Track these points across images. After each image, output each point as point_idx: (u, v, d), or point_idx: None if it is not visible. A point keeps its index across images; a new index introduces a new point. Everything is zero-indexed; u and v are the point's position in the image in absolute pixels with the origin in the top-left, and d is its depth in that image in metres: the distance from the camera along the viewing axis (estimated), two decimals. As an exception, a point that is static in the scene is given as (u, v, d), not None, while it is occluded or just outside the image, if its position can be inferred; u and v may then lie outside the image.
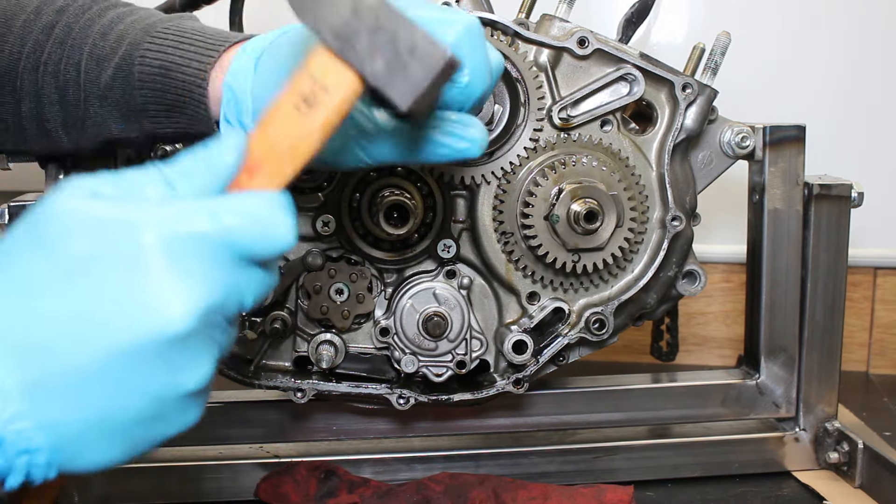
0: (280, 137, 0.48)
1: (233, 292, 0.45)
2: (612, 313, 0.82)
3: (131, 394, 0.44)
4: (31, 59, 0.69)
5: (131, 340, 0.43)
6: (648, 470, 0.91)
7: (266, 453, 0.89)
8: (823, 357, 0.91)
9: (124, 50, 0.66)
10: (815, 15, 1.21)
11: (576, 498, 0.82)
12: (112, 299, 0.43)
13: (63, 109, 0.69)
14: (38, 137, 0.71)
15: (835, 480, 0.90)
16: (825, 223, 0.89)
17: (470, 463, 0.89)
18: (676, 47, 1.20)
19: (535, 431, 0.91)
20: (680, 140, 0.82)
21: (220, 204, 0.45)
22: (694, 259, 0.85)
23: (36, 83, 0.69)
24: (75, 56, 0.68)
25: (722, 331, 1.26)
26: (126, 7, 0.71)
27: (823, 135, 0.98)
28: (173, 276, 0.43)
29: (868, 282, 1.24)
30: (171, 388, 0.44)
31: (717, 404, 0.92)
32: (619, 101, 0.81)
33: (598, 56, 0.80)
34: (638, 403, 0.91)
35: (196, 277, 0.44)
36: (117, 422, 0.44)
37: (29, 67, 0.69)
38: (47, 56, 0.69)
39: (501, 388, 0.83)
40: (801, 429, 0.92)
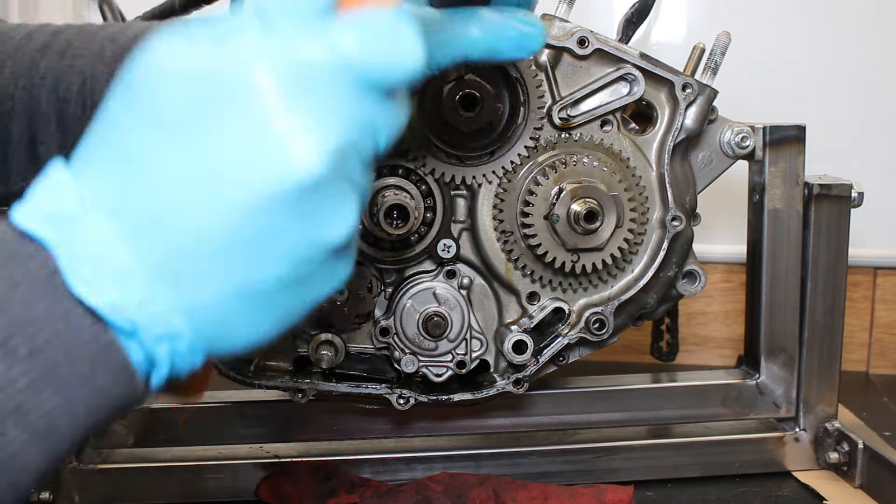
0: None
1: (365, 128, 0.40)
2: (612, 313, 0.82)
3: (269, 256, 0.39)
4: (25, 77, 0.65)
5: (259, 194, 0.37)
6: (648, 470, 0.91)
7: (266, 453, 0.89)
8: (823, 357, 0.91)
9: None
10: (815, 15, 1.21)
11: (576, 498, 0.82)
12: (230, 152, 0.37)
13: (61, 129, 0.64)
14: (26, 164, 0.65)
15: (835, 480, 0.90)
16: (825, 223, 0.89)
17: (470, 463, 0.89)
18: (676, 47, 1.21)
19: (535, 431, 0.91)
20: (680, 140, 0.82)
21: (333, 27, 0.39)
22: (694, 259, 0.85)
23: (30, 102, 0.65)
24: (79, 64, 0.64)
25: (722, 331, 1.26)
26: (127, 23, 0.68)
27: (823, 135, 0.98)
28: (295, 114, 0.37)
29: (868, 282, 1.24)
30: (312, 244, 0.39)
31: (717, 404, 0.92)
32: (619, 101, 0.81)
33: (598, 56, 0.80)
34: (638, 403, 0.91)
35: (322, 113, 0.38)
36: (259, 290, 0.39)
37: (21, 85, 0.65)
38: (44, 71, 0.65)
39: (501, 388, 0.83)
40: (801, 429, 0.92)
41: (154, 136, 0.38)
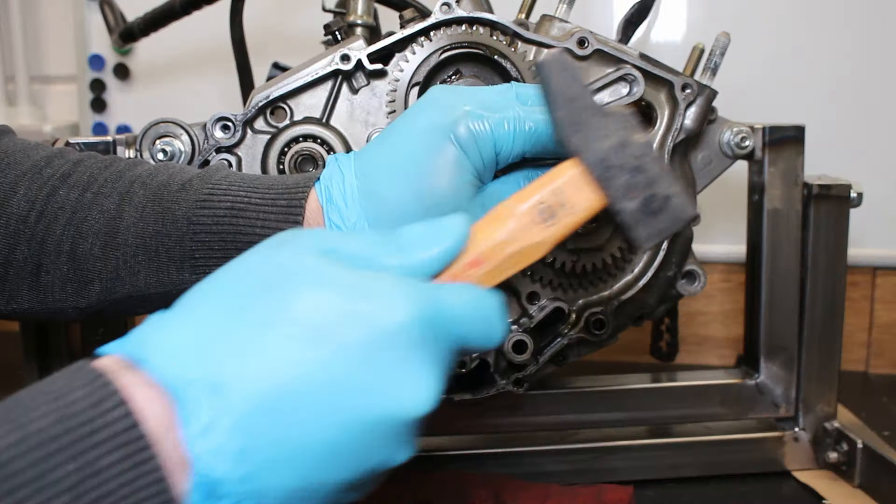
0: (510, 240, 0.48)
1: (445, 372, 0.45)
2: (612, 313, 0.82)
3: (348, 468, 0.42)
4: (41, 203, 0.63)
5: (376, 420, 0.41)
6: (648, 469, 0.91)
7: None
8: (823, 357, 0.91)
9: (174, 193, 0.62)
10: (814, 15, 1.21)
11: (576, 497, 0.82)
12: (360, 374, 0.41)
13: (72, 262, 0.63)
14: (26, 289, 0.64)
15: (834, 480, 0.90)
16: (824, 223, 0.90)
17: (470, 463, 0.89)
18: (676, 48, 1.21)
19: (536, 431, 0.91)
20: (679, 140, 0.82)
21: (460, 293, 0.45)
22: (694, 259, 0.86)
23: (44, 229, 0.63)
24: (103, 203, 0.63)
25: (721, 331, 1.26)
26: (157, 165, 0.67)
27: (823, 135, 0.98)
28: (425, 360, 0.43)
29: (867, 282, 1.24)
30: (385, 464, 0.44)
31: (716, 404, 0.92)
32: (619, 102, 0.81)
33: (598, 56, 0.80)
34: (637, 403, 0.92)
35: (439, 364, 0.44)
36: (319, 491, 0.42)
37: (38, 210, 0.63)
38: (62, 202, 0.63)
39: (502, 387, 0.83)
40: (800, 428, 0.92)
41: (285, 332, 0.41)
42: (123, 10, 1.13)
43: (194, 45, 1.31)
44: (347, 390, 0.41)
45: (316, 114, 0.79)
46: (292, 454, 0.41)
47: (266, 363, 0.40)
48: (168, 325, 0.42)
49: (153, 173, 0.64)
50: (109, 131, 1.35)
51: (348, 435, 0.41)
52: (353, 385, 0.41)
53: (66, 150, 0.67)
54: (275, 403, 0.40)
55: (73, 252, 0.63)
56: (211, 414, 0.39)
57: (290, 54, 0.90)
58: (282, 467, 0.40)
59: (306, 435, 0.41)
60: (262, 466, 0.40)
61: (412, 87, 0.78)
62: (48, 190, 0.64)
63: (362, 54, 0.78)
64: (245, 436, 0.40)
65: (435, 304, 0.44)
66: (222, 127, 0.78)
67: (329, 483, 0.42)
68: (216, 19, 0.95)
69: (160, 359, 0.40)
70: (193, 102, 1.27)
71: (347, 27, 0.84)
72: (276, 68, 0.92)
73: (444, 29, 0.78)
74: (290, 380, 0.40)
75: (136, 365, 0.40)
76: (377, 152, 0.60)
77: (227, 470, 0.39)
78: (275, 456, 0.40)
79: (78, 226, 0.63)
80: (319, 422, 0.41)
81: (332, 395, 0.41)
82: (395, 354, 0.42)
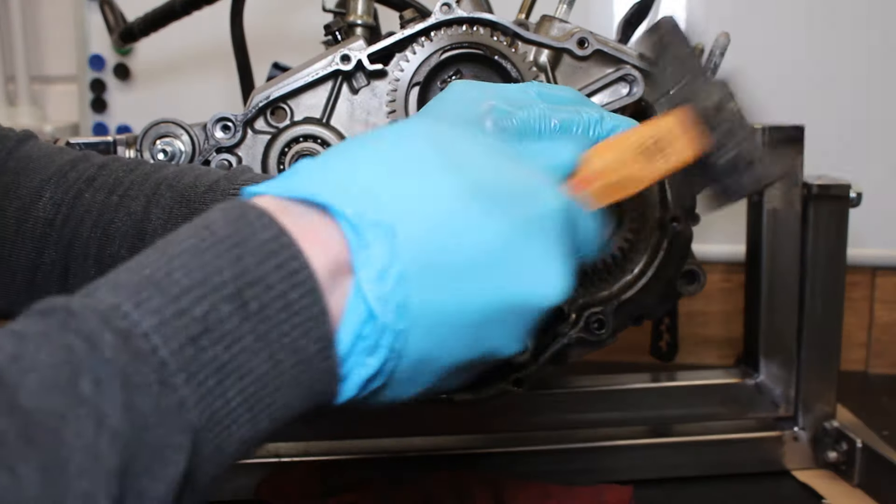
0: (616, 167, 0.52)
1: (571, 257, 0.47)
2: (612, 313, 0.83)
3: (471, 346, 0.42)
4: (67, 206, 0.63)
5: (514, 302, 0.42)
6: (648, 469, 0.91)
7: (266, 452, 0.89)
8: (822, 356, 0.91)
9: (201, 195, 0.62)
10: (813, 15, 1.21)
11: (576, 497, 0.82)
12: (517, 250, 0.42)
13: (98, 265, 0.62)
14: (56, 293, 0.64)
15: (833, 479, 0.90)
16: (824, 223, 0.90)
17: (470, 463, 0.89)
18: (676, 48, 1.21)
19: (535, 431, 0.91)
20: (679, 140, 0.83)
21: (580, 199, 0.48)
22: (693, 259, 0.86)
23: (71, 233, 0.63)
24: (129, 205, 0.62)
25: (721, 331, 1.26)
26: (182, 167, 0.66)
27: (822, 135, 0.98)
28: (564, 253, 0.44)
29: (867, 282, 1.24)
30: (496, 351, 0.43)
31: (716, 404, 0.92)
32: (618, 102, 0.81)
33: (598, 57, 0.81)
34: (637, 403, 0.92)
35: (568, 259, 0.45)
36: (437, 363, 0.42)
37: (64, 214, 0.63)
38: (89, 205, 0.63)
39: (502, 388, 0.83)
40: (799, 428, 0.92)
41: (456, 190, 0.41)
42: (123, 10, 1.13)
43: (195, 46, 1.31)
44: (502, 264, 0.41)
45: (316, 114, 0.79)
46: (437, 319, 0.40)
47: (434, 217, 0.40)
48: (331, 165, 0.41)
49: (179, 175, 0.65)
50: (110, 131, 1.35)
51: (488, 310, 0.41)
52: (508, 260, 0.41)
53: (90, 154, 0.67)
54: (437, 259, 0.40)
55: (101, 255, 0.62)
56: (385, 260, 0.38)
57: (290, 54, 0.91)
58: (424, 330, 0.40)
59: (454, 303, 0.40)
60: (413, 324, 0.39)
61: (412, 87, 0.78)
62: (74, 193, 0.63)
63: (363, 55, 0.78)
64: (407, 288, 0.39)
65: (570, 201, 0.46)
66: (223, 127, 0.78)
67: (449, 357, 0.42)
68: (217, 19, 0.95)
69: (333, 194, 0.39)
70: (194, 102, 1.27)
71: (347, 27, 0.84)
72: (276, 68, 0.92)
73: (445, 29, 0.78)
74: (456, 239, 0.40)
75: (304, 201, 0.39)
76: None
77: (389, 321, 0.39)
78: (424, 315, 0.40)
79: (105, 228, 0.63)
80: (469, 290, 0.40)
81: (487, 264, 0.41)
82: (548, 240, 0.43)
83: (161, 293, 0.35)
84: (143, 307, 0.34)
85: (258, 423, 0.37)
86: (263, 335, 0.36)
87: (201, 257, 0.36)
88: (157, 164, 0.67)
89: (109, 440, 0.31)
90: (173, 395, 0.33)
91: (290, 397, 0.38)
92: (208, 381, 0.34)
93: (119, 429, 0.32)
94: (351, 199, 0.39)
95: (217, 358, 0.35)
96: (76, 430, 0.31)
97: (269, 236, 0.37)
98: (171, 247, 0.37)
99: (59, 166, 0.65)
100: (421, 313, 0.39)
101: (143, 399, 0.33)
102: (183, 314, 0.35)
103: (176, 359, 0.34)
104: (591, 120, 0.55)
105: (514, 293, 0.42)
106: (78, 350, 0.32)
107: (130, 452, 0.32)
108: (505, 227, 0.41)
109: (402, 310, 0.39)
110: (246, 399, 0.36)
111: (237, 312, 0.35)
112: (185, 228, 0.38)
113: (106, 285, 0.36)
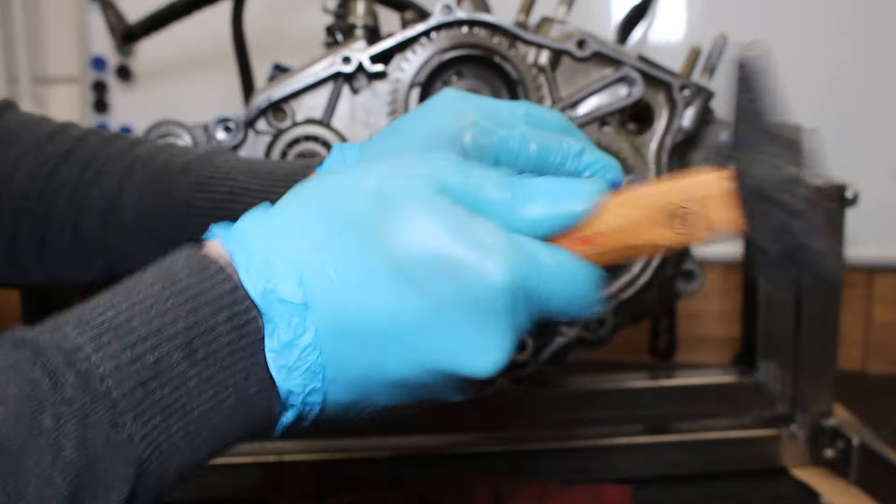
0: (631, 231, 0.44)
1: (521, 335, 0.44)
2: (611, 313, 0.83)
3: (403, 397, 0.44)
4: (43, 180, 0.64)
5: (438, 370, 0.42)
6: (647, 468, 0.91)
7: (267, 452, 0.89)
8: (819, 355, 0.92)
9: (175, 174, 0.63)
10: (811, 16, 1.22)
11: (575, 496, 0.83)
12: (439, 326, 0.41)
13: (74, 239, 0.64)
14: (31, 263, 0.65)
15: (830, 477, 0.91)
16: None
17: (470, 462, 0.90)
18: (674, 49, 1.21)
19: (535, 430, 0.92)
20: (678, 141, 0.83)
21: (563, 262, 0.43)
22: (692, 259, 0.86)
23: (47, 206, 0.64)
24: (104, 181, 0.64)
25: (719, 330, 1.27)
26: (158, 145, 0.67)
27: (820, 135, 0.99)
28: (505, 328, 0.42)
29: (864, 281, 1.25)
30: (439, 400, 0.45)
31: (714, 402, 0.93)
32: (618, 103, 0.82)
33: (598, 58, 0.81)
34: (636, 402, 0.92)
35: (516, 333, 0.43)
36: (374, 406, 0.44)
37: (40, 187, 0.64)
38: (65, 179, 0.64)
39: (502, 386, 0.84)
40: (797, 426, 0.93)
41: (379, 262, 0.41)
42: (124, 11, 1.14)
43: (196, 47, 1.32)
44: (422, 337, 0.41)
45: (317, 115, 0.79)
46: (355, 380, 0.42)
47: (354, 293, 0.41)
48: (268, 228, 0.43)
49: (154, 153, 0.65)
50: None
51: (412, 375, 0.42)
52: (429, 334, 0.41)
53: (68, 126, 0.68)
54: (352, 331, 0.41)
55: (75, 229, 0.64)
56: (291, 334, 0.41)
57: (290, 55, 0.91)
58: (343, 387, 0.43)
59: (372, 368, 0.42)
60: (328, 383, 0.42)
61: (413, 88, 0.79)
62: (50, 167, 0.64)
63: (363, 56, 0.78)
64: (320, 356, 0.42)
65: (535, 269, 0.42)
66: (224, 128, 0.78)
67: (385, 400, 0.44)
68: (217, 20, 0.95)
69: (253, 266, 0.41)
70: (195, 103, 1.28)
71: (348, 28, 0.85)
72: (276, 69, 0.92)
73: (445, 30, 0.78)
74: (373, 313, 0.41)
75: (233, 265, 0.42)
76: (381, 148, 0.61)
77: (296, 385, 0.42)
78: (340, 378, 0.42)
79: (79, 204, 0.64)
80: (387, 358, 0.42)
81: (406, 336, 0.41)
82: (479, 317, 0.41)
83: (120, 339, 0.39)
84: (103, 351, 0.38)
85: (198, 453, 0.41)
86: (208, 379, 0.40)
87: (161, 306, 0.40)
88: (134, 139, 0.68)
89: (63, 470, 0.35)
90: (122, 431, 0.37)
91: (229, 430, 0.42)
92: (154, 418, 0.38)
93: (72, 461, 0.36)
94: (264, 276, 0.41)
95: (163, 399, 0.39)
96: (35, 460, 0.35)
97: (224, 290, 0.41)
98: (136, 290, 0.41)
99: (36, 139, 0.66)
100: (338, 375, 0.42)
101: (96, 435, 0.37)
102: (137, 360, 0.39)
103: (127, 400, 0.38)
104: (570, 151, 0.54)
105: (439, 363, 0.42)
106: (42, 386, 0.36)
107: (81, 481, 0.36)
108: (424, 303, 0.41)
109: (313, 375, 0.42)
110: (188, 433, 0.40)
111: (186, 359, 0.39)
112: (152, 271, 0.42)
113: (73, 322, 0.39)
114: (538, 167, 0.57)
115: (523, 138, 0.55)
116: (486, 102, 0.58)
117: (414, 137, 0.59)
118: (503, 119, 0.57)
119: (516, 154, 0.56)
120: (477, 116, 0.56)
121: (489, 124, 0.56)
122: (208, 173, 0.63)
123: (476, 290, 0.41)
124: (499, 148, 0.56)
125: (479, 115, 0.56)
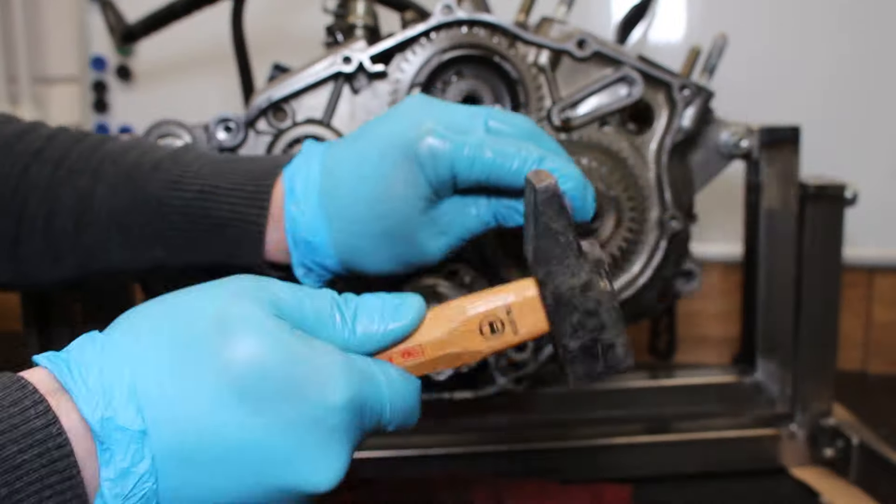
0: (449, 342, 0.49)
1: None
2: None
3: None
4: (15, 179, 0.65)
5: (278, 489, 0.43)
6: (646, 467, 0.91)
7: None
8: (819, 355, 0.92)
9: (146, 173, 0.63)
10: (810, 16, 1.22)
11: (575, 496, 0.83)
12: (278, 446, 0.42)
13: (46, 237, 0.64)
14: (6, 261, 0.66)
15: (830, 476, 0.91)
16: (820, 223, 0.90)
17: (470, 462, 0.90)
18: (674, 49, 1.21)
19: (536, 429, 0.92)
20: (677, 141, 0.83)
21: (396, 379, 0.47)
22: (691, 258, 0.86)
23: (19, 205, 0.64)
24: (75, 180, 0.64)
25: (719, 330, 1.27)
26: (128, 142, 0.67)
27: (819, 135, 0.99)
28: (342, 444, 0.44)
29: (864, 281, 1.25)
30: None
31: (713, 402, 0.93)
32: (618, 103, 0.82)
33: (598, 58, 0.81)
34: (636, 401, 0.92)
35: (352, 447, 0.45)
36: None
37: (12, 186, 0.64)
38: (36, 179, 0.64)
39: (502, 386, 0.84)
40: (796, 426, 0.93)
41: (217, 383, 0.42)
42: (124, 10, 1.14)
43: (196, 47, 1.32)
44: (261, 458, 0.42)
45: (317, 115, 0.79)
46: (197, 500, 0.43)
47: (192, 417, 0.42)
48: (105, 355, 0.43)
49: (123, 151, 0.65)
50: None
51: (251, 496, 0.43)
52: (268, 454, 0.42)
53: (38, 125, 0.68)
54: (191, 455, 0.42)
55: (48, 228, 0.64)
56: (128, 462, 0.41)
57: (290, 55, 0.91)
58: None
59: (213, 490, 0.43)
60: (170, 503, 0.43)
61: (413, 88, 0.79)
62: (21, 167, 0.65)
63: (364, 56, 0.78)
64: (157, 480, 0.42)
65: (370, 387, 0.45)
66: (225, 128, 0.78)
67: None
68: (217, 20, 0.96)
69: (90, 396, 0.41)
70: (195, 103, 1.28)
71: (348, 28, 0.85)
72: (276, 69, 0.92)
73: (445, 30, 0.78)
74: (211, 437, 0.42)
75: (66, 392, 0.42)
76: (344, 152, 0.61)
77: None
78: (180, 499, 0.42)
79: (51, 203, 0.64)
80: (227, 480, 0.43)
81: (246, 458, 0.42)
82: (317, 436, 0.43)
83: None
84: None
85: None
86: None
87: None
88: (103, 137, 0.68)
89: None
90: None
91: None
92: None
93: None
94: (101, 404, 0.41)
95: None
96: None
97: (38, 426, 0.40)
98: None
99: (5, 138, 0.66)
100: (176, 498, 0.42)
101: None
102: None
103: None
104: (528, 158, 0.55)
105: (279, 482, 0.43)
106: None
107: None
108: (263, 423, 0.42)
109: (150, 499, 0.42)
110: None
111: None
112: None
113: None
114: (495, 174, 0.58)
115: (479, 146, 0.56)
116: (445, 109, 0.59)
117: (374, 143, 0.60)
118: (461, 126, 0.58)
119: (471, 161, 0.57)
120: (433, 124, 0.57)
121: (444, 132, 0.57)
122: (179, 172, 0.63)
123: (316, 409, 0.43)
124: (453, 155, 0.57)
125: (434, 123, 0.57)
